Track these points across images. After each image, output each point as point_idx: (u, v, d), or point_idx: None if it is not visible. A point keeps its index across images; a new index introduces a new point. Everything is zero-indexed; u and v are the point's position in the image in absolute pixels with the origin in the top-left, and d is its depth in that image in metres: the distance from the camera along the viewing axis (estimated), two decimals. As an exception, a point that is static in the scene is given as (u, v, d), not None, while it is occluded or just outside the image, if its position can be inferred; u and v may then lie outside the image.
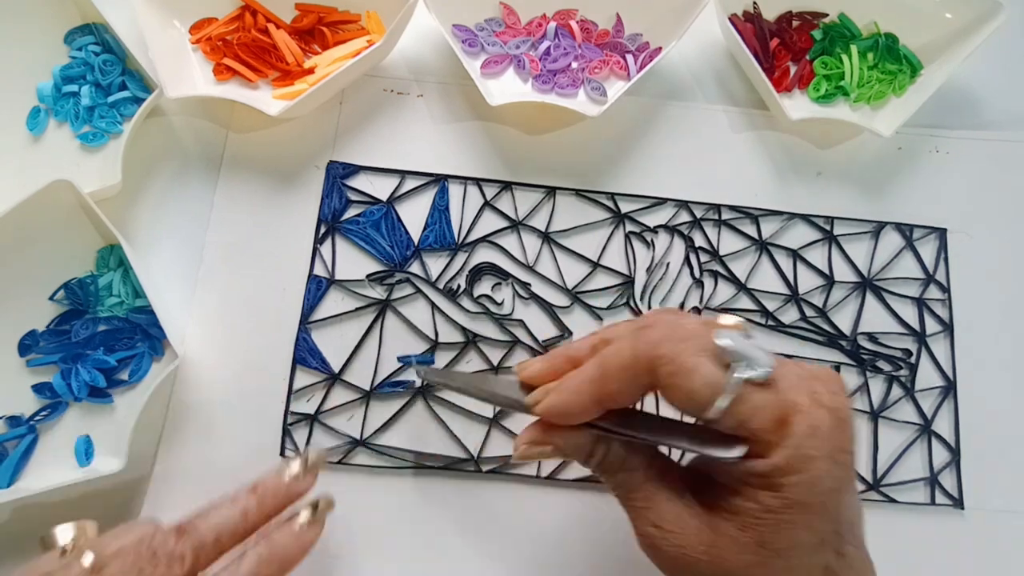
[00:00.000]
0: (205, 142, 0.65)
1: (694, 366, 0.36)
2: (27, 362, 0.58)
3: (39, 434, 0.57)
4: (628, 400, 0.40)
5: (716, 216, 0.64)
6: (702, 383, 0.36)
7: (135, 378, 0.58)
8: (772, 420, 0.36)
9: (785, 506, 0.36)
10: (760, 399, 0.36)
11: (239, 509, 0.45)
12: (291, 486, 0.47)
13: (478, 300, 0.61)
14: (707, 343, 0.37)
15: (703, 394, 0.36)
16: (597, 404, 0.40)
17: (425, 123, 0.66)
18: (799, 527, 0.36)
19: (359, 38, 0.66)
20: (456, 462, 0.58)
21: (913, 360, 0.63)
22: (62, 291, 0.59)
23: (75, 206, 0.58)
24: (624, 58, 0.67)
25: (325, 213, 0.62)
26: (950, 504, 0.60)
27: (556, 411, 0.41)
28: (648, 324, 0.39)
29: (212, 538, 0.43)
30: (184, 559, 0.41)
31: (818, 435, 0.36)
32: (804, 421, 0.36)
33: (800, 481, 0.35)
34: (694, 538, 0.39)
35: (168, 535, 0.42)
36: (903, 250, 0.65)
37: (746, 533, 0.37)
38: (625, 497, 0.42)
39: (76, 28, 0.65)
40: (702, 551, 0.38)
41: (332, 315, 0.60)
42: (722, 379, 0.36)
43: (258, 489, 0.46)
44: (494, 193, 0.64)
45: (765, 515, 0.36)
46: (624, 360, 0.39)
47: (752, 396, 0.36)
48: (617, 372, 0.39)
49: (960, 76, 0.70)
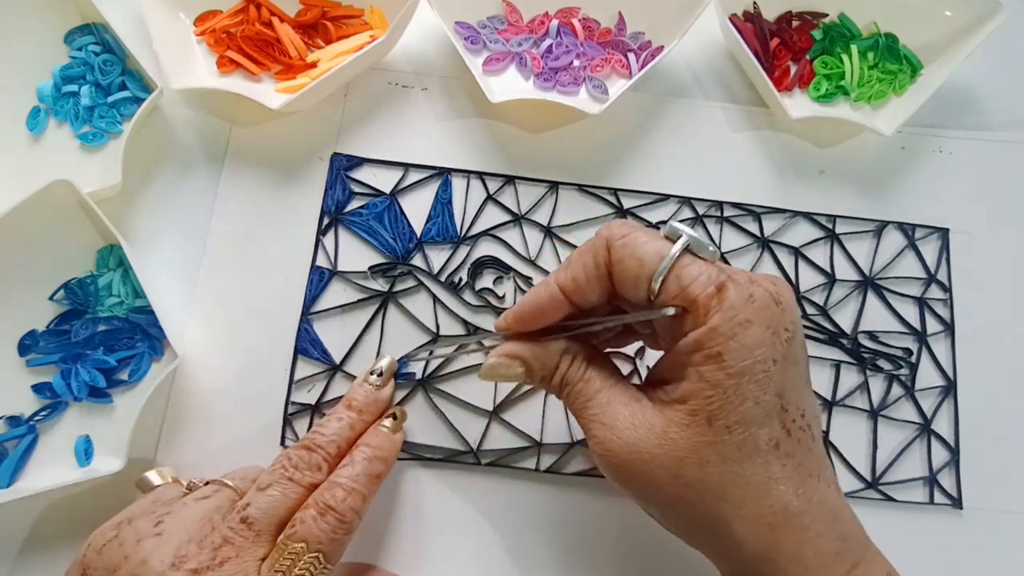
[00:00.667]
0: (208, 136, 0.64)
1: (646, 239, 0.41)
2: (27, 362, 0.58)
3: (39, 434, 0.57)
4: (586, 287, 0.43)
5: (718, 213, 0.64)
6: (652, 250, 0.40)
7: (135, 378, 0.58)
8: (711, 285, 0.39)
9: (728, 375, 0.38)
10: (699, 267, 0.40)
11: (346, 422, 0.52)
12: (378, 395, 0.54)
13: (480, 293, 0.61)
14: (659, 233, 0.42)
15: (652, 260, 0.40)
16: (561, 294, 0.43)
17: (429, 117, 0.66)
18: (744, 399, 0.39)
19: (362, 33, 0.66)
20: (455, 454, 0.58)
21: (914, 359, 0.63)
22: (62, 291, 0.59)
23: (75, 206, 0.57)
24: (626, 56, 0.67)
25: (328, 205, 0.62)
26: (949, 504, 0.60)
27: (526, 311, 0.45)
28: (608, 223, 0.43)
29: (334, 448, 0.50)
30: (321, 467, 0.49)
31: (753, 304, 0.39)
32: (739, 290, 0.39)
33: (738, 347, 0.38)
34: (646, 432, 0.41)
35: (300, 450, 0.49)
36: (905, 249, 0.65)
37: (696, 417, 0.39)
38: (583, 406, 0.44)
39: (76, 28, 0.65)
40: (655, 444, 0.40)
41: (334, 306, 0.60)
42: (669, 249, 0.40)
43: (353, 404, 0.53)
44: (497, 187, 0.64)
45: (711, 391, 0.39)
46: (585, 245, 0.43)
47: (693, 265, 0.40)
48: (578, 256, 0.43)
49: (963, 76, 0.70)
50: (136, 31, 0.62)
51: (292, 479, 0.47)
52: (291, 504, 0.47)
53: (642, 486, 0.42)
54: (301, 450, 0.49)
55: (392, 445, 0.52)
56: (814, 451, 0.41)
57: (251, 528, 0.45)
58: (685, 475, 0.40)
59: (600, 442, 0.42)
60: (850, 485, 0.60)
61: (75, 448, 0.56)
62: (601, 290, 0.43)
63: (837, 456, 0.60)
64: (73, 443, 0.56)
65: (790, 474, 0.40)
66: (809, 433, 0.41)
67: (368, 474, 0.49)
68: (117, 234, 0.56)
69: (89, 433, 0.57)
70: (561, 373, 0.45)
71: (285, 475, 0.47)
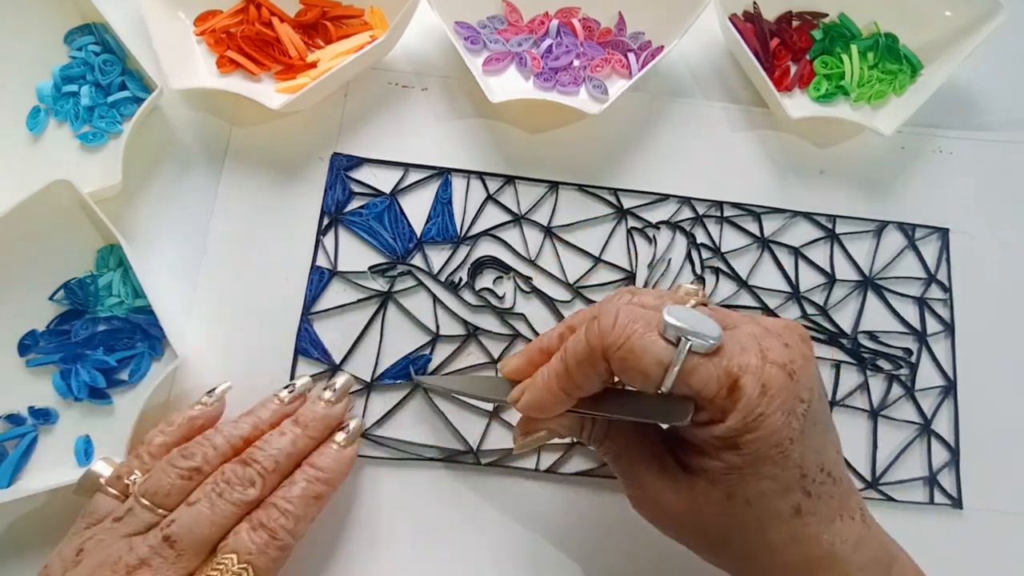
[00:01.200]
0: (208, 136, 0.64)
1: (643, 348, 0.39)
2: (27, 362, 0.58)
3: (39, 434, 0.56)
4: (595, 387, 0.43)
5: (718, 213, 0.64)
6: (652, 361, 0.39)
7: (135, 378, 0.58)
8: (722, 387, 0.39)
9: (746, 462, 0.40)
10: (708, 369, 0.39)
11: (288, 438, 0.50)
12: (328, 412, 0.52)
13: (480, 293, 0.61)
14: (655, 321, 0.40)
15: (655, 372, 0.39)
16: (568, 396, 0.43)
17: (429, 117, 0.66)
18: (762, 478, 0.40)
19: (362, 33, 0.66)
20: (455, 454, 0.58)
21: (914, 359, 0.63)
22: (62, 291, 0.59)
23: (75, 206, 0.57)
24: (626, 56, 0.67)
25: (328, 205, 0.62)
26: (949, 504, 0.60)
27: (533, 407, 0.45)
28: (600, 313, 0.41)
29: (272, 463, 0.48)
30: (254, 481, 0.47)
31: (768, 393, 0.39)
32: (753, 382, 0.39)
33: (756, 438, 0.39)
34: (673, 496, 0.44)
35: (236, 465, 0.48)
36: (905, 249, 0.65)
37: (716, 488, 0.42)
38: (613, 463, 0.47)
39: (76, 28, 0.65)
40: (683, 508, 0.43)
41: (334, 306, 0.60)
42: (671, 355, 0.39)
43: (300, 419, 0.51)
44: (497, 187, 0.64)
45: (730, 472, 0.41)
46: (580, 353, 0.42)
47: (700, 367, 0.39)
48: (576, 366, 0.42)
49: (964, 76, 0.70)
50: (136, 31, 0.62)
51: (222, 495, 0.46)
52: (218, 522, 0.45)
53: (673, 534, 0.46)
54: (237, 464, 0.48)
55: (339, 464, 0.51)
56: (835, 495, 0.42)
57: (173, 547, 0.44)
58: (710, 535, 0.44)
59: (632, 497, 0.47)
60: (850, 485, 0.60)
61: (75, 448, 0.56)
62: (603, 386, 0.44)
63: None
64: (73, 443, 0.56)
65: (813, 529, 0.42)
66: (830, 480, 0.42)
67: (305, 496, 0.48)
68: (117, 234, 0.56)
69: (89, 433, 0.57)
70: (587, 434, 0.47)
71: (215, 491, 0.46)
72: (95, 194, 0.57)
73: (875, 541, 0.43)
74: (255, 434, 0.51)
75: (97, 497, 0.48)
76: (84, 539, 0.45)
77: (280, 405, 0.53)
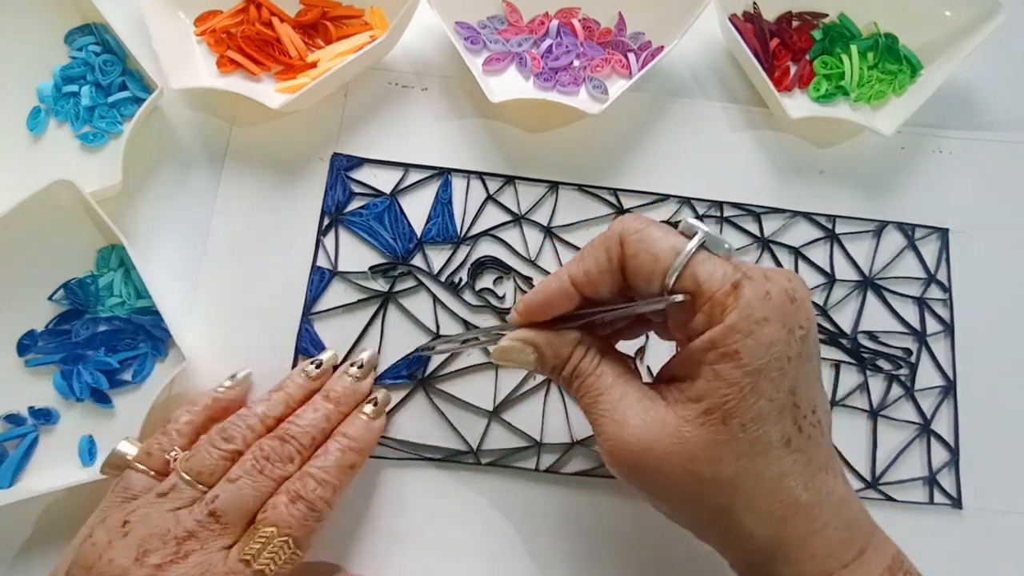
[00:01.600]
0: (208, 136, 0.64)
1: (661, 234, 0.41)
2: (26, 362, 0.58)
3: (40, 434, 0.57)
4: (598, 280, 0.43)
5: (718, 213, 0.64)
6: (667, 245, 0.40)
7: (138, 379, 0.58)
8: (727, 282, 0.39)
9: (744, 374, 0.38)
10: (715, 264, 0.40)
11: (322, 413, 0.52)
12: (357, 387, 0.55)
13: (480, 293, 0.61)
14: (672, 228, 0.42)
15: (667, 255, 0.40)
16: (572, 286, 0.44)
17: (429, 117, 0.66)
18: (760, 396, 0.39)
19: (362, 33, 0.66)
20: (455, 454, 0.58)
21: (913, 359, 0.63)
22: (61, 291, 0.59)
23: (76, 206, 0.57)
24: (626, 56, 0.67)
25: (329, 205, 0.62)
26: (948, 504, 0.60)
27: (539, 299, 0.45)
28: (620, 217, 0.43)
29: (308, 440, 0.50)
30: (293, 458, 0.49)
31: (770, 301, 0.39)
32: (757, 288, 0.39)
33: (754, 344, 0.38)
34: (658, 429, 0.41)
35: (273, 441, 0.49)
36: (905, 250, 0.65)
37: (711, 415, 0.39)
38: (594, 400, 0.44)
39: (76, 28, 0.65)
40: (669, 441, 0.40)
41: (335, 307, 0.60)
42: (684, 245, 0.40)
43: (331, 395, 0.53)
44: (497, 187, 0.64)
45: (727, 389, 0.39)
46: (597, 239, 0.43)
47: (708, 261, 0.40)
48: (590, 250, 0.43)
49: (963, 76, 0.70)
50: (136, 31, 0.62)
51: (263, 472, 0.48)
52: (260, 496, 0.47)
53: (652, 482, 0.42)
54: (274, 440, 0.49)
55: (370, 434, 0.53)
56: (823, 446, 0.42)
57: (218, 521, 0.45)
58: (698, 471, 0.40)
59: (610, 438, 0.42)
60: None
61: (79, 448, 0.56)
62: (613, 284, 0.43)
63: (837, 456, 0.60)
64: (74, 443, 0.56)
65: (801, 469, 0.41)
66: (819, 428, 0.42)
67: (340, 465, 0.50)
68: (119, 234, 0.56)
69: (91, 432, 0.57)
70: (573, 364, 0.45)
71: (256, 467, 0.48)
72: (95, 194, 0.57)
73: (858, 505, 0.43)
74: (287, 412, 0.52)
75: (128, 474, 0.49)
76: (127, 512, 0.46)
77: (306, 380, 0.54)
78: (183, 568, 0.43)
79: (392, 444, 0.58)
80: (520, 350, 0.46)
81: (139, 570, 0.43)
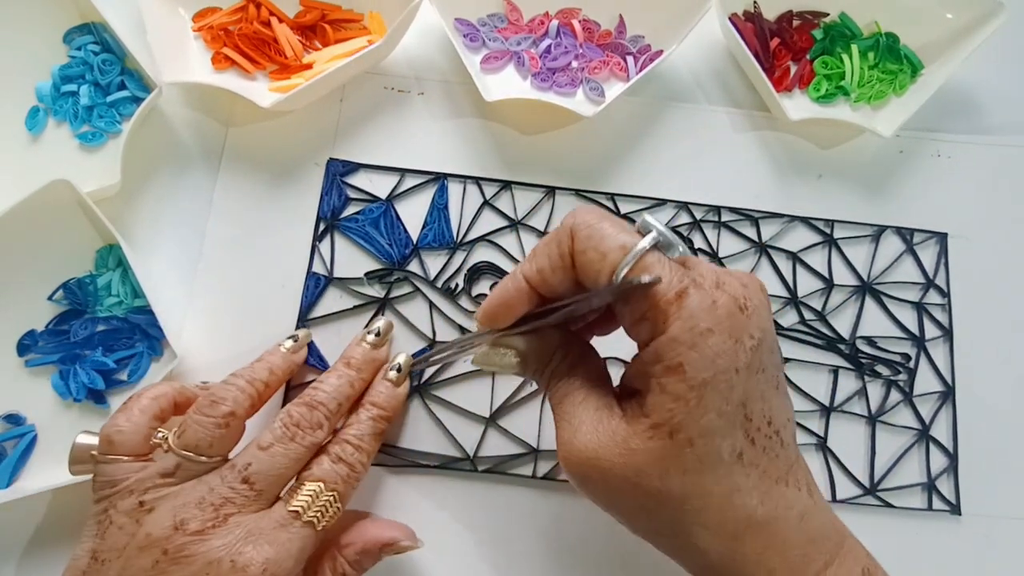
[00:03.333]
0: (205, 138, 0.64)
1: (611, 231, 0.40)
2: (26, 362, 0.58)
3: (39, 434, 0.57)
4: (553, 278, 0.42)
5: (716, 218, 0.64)
6: (615, 244, 0.39)
7: (134, 378, 0.58)
8: (672, 290, 0.38)
9: (689, 388, 0.37)
10: (664, 267, 0.38)
11: (345, 380, 0.52)
12: (375, 354, 0.55)
13: (476, 299, 0.61)
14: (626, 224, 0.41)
15: (615, 255, 0.39)
16: (528, 285, 0.43)
17: (425, 121, 0.66)
18: (707, 411, 0.38)
19: (360, 37, 0.66)
20: (452, 461, 0.58)
21: (912, 365, 0.63)
22: (61, 291, 0.59)
23: (74, 206, 0.58)
24: (624, 60, 0.66)
25: (324, 210, 0.62)
26: (947, 510, 0.60)
27: (494, 303, 0.45)
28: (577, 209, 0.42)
29: (335, 405, 0.50)
30: (322, 424, 0.49)
31: (716, 311, 0.37)
32: (703, 296, 0.38)
33: (698, 357, 0.37)
34: (608, 439, 0.40)
35: (301, 407, 0.49)
36: (903, 254, 0.65)
37: (658, 430, 0.38)
38: (559, 402, 0.44)
39: (75, 27, 0.65)
40: (616, 453, 0.39)
41: (330, 313, 0.60)
42: (634, 244, 0.38)
43: (352, 362, 0.53)
44: (493, 192, 0.64)
45: (673, 404, 0.38)
46: (550, 235, 0.42)
47: (657, 264, 0.38)
48: (543, 246, 0.42)
49: (963, 80, 0.70)
50: (135, 31, 0.62)
51: (294, 439, 0.48)
52: (292, 464, 0.47)
53: (601, 493, 0.42)
54: (302, 407, 0.49)
55: (396, 400, 0.53)
56: (781, 457, 0.41)
57: (252, 487, 0.45)
58: (645, 485, 0.39)
59: (563, 443, 0.42)
60: (848, 491, 0.60)
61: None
62: (567, 279, 0.42)
63: (835, 462, 0.60)
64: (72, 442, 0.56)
65: (755, 483, 0.40)
66: (777, 439, 0.41)
67: (373, 433, 0.51)
68: (117, 234, 0.56)
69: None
70: (552, 368, 0.45)
71: (287, 434, 0.48)
72: (94, 194, 0.57)
73: (823, 516, 0.42)
74: (272, 378, 0.52)
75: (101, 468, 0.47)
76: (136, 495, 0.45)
77: (285, 352, 0.54)
78: (226, 530, 0.44)
79: (388, 451, 0.58)
80: (502, 354, 0.46)
81: (181, 537, 0.43)
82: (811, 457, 0.60)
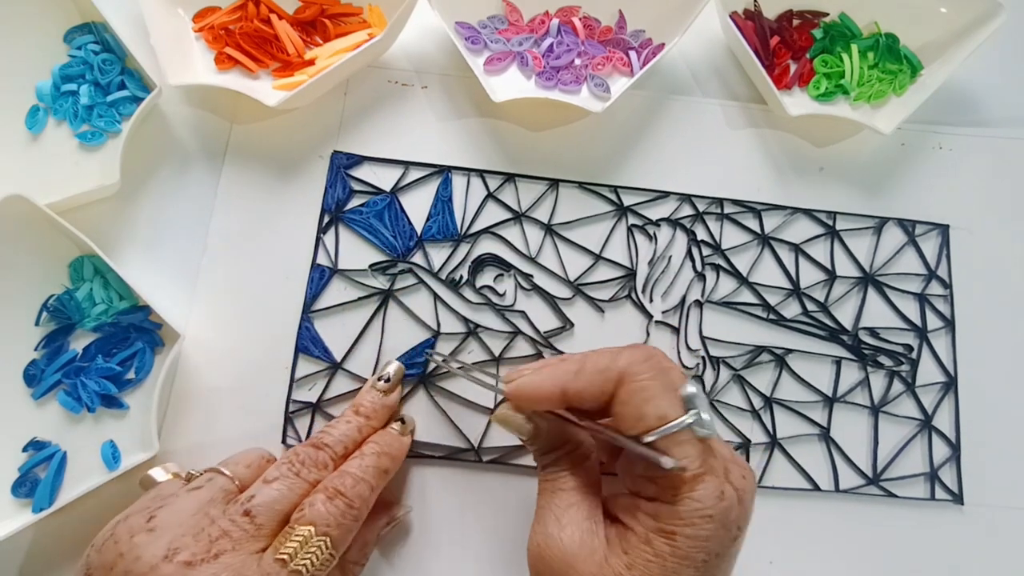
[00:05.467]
0: (208, 134, 0.64)
1: (656, 394, 0.41)
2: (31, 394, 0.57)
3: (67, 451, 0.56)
4: (588, 401, 0.44)
5: (718, 210, 0.64)
6: (655, 411, 0.41)
7: (141, 374, 0.58)
8: (689, 472, 0.41)
9: (672, 555, 0.40)
10: (688, 449, 0.41)
11: (354, 425, 0.53)
12: (385, 401, 0.56)
13: (480, 291, 0.61)
14: (674, 382, 0.42)
15: (651, 421, 0.41)
16: (562, 395, 0.45)
17: (429, 115, 0.66)
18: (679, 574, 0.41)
19: (360, 31, 0.66)
20: (456, 452, 0.58)
21: (914, 355, 0.63)
22: (45, 313, 0.58)
23: (36, 220, 0.55)
24: (627, 54, 0.67)
25: (329, 203, 0.62)
26: (950, 499, 0.60)
27: (525, 391, 0.46)
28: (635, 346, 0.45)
29: (341, 448, 0.51)
30: (328, 465, 0.50)
31: (721, 502, 0.41)
32: (715, 484, 0.41)
33: (692, 534, 0.40)
34: (587, 553, 0.43)
35: (308, 448, 0.50)
36: (905, 246, 0.65)
37: (631, 571, 0.41)
38: (550, 494, 0.47)
39: (75, 27, 0.65)
40: (589, 571, 0.42)
41: (335, 304, 0.60)
42: (673, 416, 0.41)
43: (361, 409, 0.54)
44: (497, 185, 0.64)
45: (653, 559, 0.41)
46: (600, 364, 0.44)
47: (685, 444, 0.41)
48: (591, 373, 0.44)
49: (963, 74, 0.70)
50: (135, 30, 0.62)
51: (299, 475, 0.48)
52: (295, 499, 0.47)
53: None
54: (309, 448, 0.50)
55: (401, 445, 0.54)
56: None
57: (253, 521, 0.45)
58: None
59: (546, 535, 0.45)
60: (851, 481, 0.60)
61: (102, 455, 0.56)
62: (598, 409, 0.45)
63: (838, 452, 0.60)
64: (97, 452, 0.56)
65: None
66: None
67: (377, 467, 0.50)
68: (84, 237, 0.55)
69: (112, 438, 0.57)
70: (556, 455, 0.48)
71: (292, 471, 0.48)
72: (93, 193, 0.57)
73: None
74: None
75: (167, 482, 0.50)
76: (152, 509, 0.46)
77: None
78: (213, 568, 0.43)
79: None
80: (521, 424, 0.48)
81: (167, 567, 0.42)
82: (814, 447, 0.61)
